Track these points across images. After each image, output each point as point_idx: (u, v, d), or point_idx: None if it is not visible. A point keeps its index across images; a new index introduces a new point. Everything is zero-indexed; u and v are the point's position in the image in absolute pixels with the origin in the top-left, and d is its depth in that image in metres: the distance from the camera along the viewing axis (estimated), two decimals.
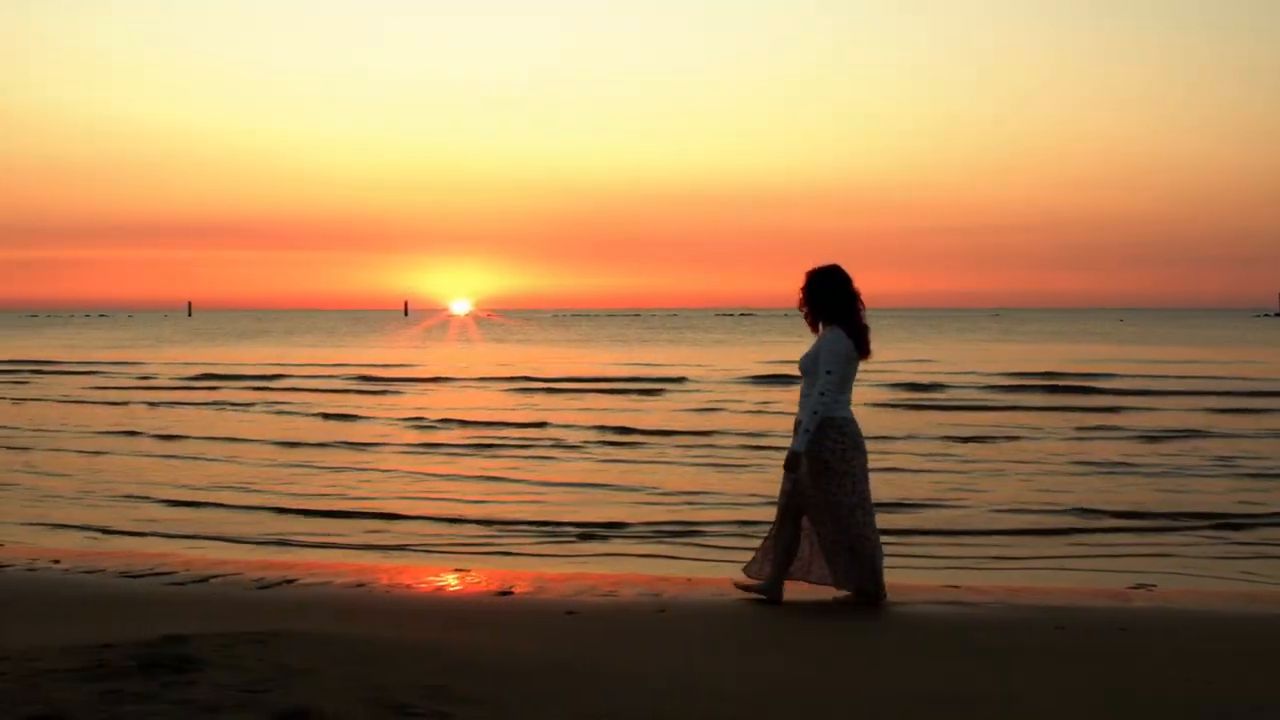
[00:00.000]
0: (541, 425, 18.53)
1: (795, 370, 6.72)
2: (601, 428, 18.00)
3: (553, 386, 27.74)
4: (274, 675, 3.73)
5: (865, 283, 6.45)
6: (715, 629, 5.99)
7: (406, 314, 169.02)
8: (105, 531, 9.82)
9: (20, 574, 7.54)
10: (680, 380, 29.62)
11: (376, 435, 17.48)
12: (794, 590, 6.64)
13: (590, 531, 9.73)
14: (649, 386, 27.66)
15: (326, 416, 20.48)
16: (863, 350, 6.39)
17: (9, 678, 3.58)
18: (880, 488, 11.88)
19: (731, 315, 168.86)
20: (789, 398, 17.16)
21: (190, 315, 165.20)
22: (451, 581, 7.51)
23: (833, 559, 6.43)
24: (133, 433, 17.69)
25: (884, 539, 9.12)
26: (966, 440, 16.24)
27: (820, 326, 6.45)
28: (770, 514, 6.94)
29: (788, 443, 6.53)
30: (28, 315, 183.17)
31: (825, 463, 6.25)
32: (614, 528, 9.89)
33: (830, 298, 6.40)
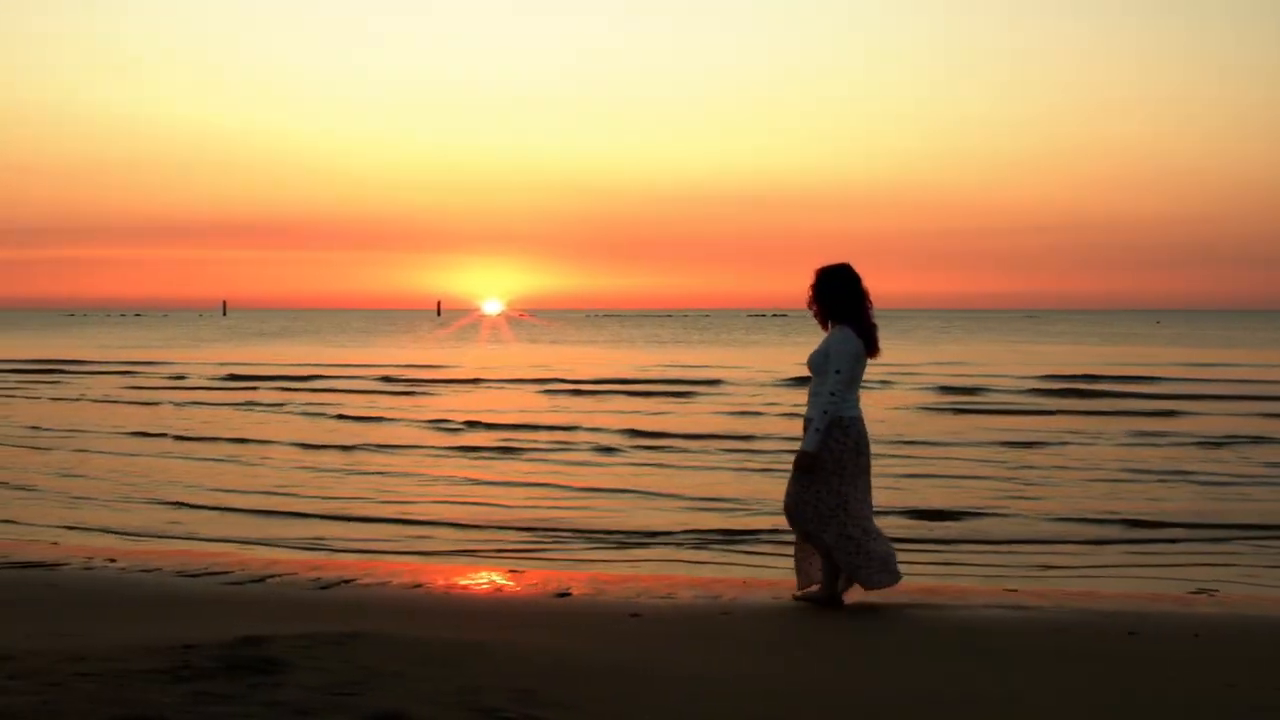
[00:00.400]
0: (575, 429, 18.47)
1: None
2: (638, 431, 17.91)
3: (589, 389, 27.68)
4: (359, 677, 3.70)
5: (895, 283, 6.44)
6: (783, 630, 5.93)
7: (439, 314, 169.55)
8: (138, 534, 9.80)
9: (77, 572, 7.54)
10: (716, 383, 29.52)
11: (410, 438, 17.45)
12: (857, 590, 6.56)
13: (635, 539, 9.64)
14: (685, 389, 27.57)
15: (360, 419, 20.39)
16: (871, 349, 6.35)
17: (94, 678, 3.56)
18: (930, 494, 11.82)
19: (764, 316, 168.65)
20: None
21: (225, 314, 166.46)
22: (508, 583, 7.46)
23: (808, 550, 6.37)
24: (162, 434, 17.68)
25: (937, 548, 9.16)
26: (1015, 445, 16.05)
27: (829, 325, 6.40)
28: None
29: None
30: (64, 314, 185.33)
31: (819, 460, 6.19)
32: (659, 535, 9.79)
33: (840, 296, 6.35)
